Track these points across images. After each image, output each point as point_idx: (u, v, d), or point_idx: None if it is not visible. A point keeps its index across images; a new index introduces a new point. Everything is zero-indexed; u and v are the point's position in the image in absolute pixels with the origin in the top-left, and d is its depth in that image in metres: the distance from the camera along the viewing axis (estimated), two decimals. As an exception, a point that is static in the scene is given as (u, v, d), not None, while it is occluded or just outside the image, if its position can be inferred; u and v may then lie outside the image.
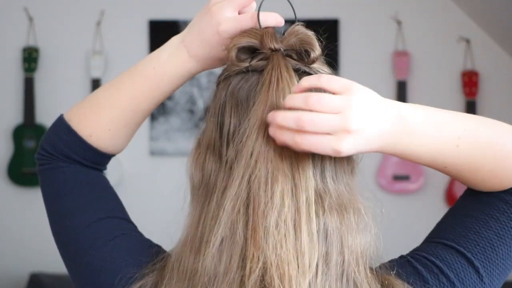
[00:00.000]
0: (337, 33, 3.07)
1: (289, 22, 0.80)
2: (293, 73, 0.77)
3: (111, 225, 0.86)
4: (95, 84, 3.07)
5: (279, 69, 0.76)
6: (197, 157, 0.82)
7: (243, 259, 0.72)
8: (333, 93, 0.71)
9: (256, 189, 0.73)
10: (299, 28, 0.80)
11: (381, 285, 0.78)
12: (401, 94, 3.06)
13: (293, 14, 0.85)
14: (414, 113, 0.74)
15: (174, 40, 0.88)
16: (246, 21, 0.82)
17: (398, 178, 3.08)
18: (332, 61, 0.85)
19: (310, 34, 0.80)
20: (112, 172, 3.10)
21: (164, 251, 0.85)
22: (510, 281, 1.67)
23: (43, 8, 3.13)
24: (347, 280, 0.75)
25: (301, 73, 0.79)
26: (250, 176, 0.73)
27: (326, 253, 0.74)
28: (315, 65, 0.81)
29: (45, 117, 3.11)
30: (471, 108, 3.02)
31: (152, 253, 0.83)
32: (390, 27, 3.10)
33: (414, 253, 0.81)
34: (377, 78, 3.12)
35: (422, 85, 3.11)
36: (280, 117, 0.71)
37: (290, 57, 0.79)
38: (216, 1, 0.84)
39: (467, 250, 0.78)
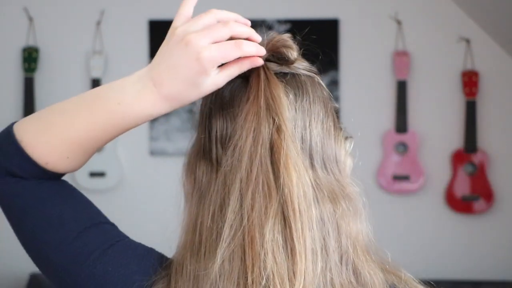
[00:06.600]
0: (337, 33, 3.07)
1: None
2: (278, 84, 0.79)
3: (100, 233, 0.82)
4: (95, 84, 3.07)
5: (266, 87, 0.78)
6: (187, 165, 0.85)
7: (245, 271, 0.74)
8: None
9: (252, 202, 0.75)
10: (274, 35, 0.82)
11: (381, 271, 0.80)
12: (401, 94, 3.06)
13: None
14: None
15: (142, 75, 0.79)
16: (231, 49, 0.76)
17: (398, 178, 3.08)
18: (333, 61, 0.87)
19: (286, 37, 0.82)
20: (112, 172, 3.12)
21: (164, 256, 0.85)
22: (511, 281, 1.67)
23: (43, 8, 3.13)
24: (347, 264, 0.78)
25: (283, 76, 0.82)
26: (247, 191, 0.75)
27: (324, 239, 0.77)
28: (295, 63, 0.83)
29: (45, 117, 3.11)
30: (471, 108, 3.02)
31: (152, 257, 0.83)
32: (390, 27, 3.10)
33: None
34: (377, 78, 3.12)
35: (422, 85, 3.11)
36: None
37: (269, 61, 0.81)
38: (187, 30, 0.76)
39: None
